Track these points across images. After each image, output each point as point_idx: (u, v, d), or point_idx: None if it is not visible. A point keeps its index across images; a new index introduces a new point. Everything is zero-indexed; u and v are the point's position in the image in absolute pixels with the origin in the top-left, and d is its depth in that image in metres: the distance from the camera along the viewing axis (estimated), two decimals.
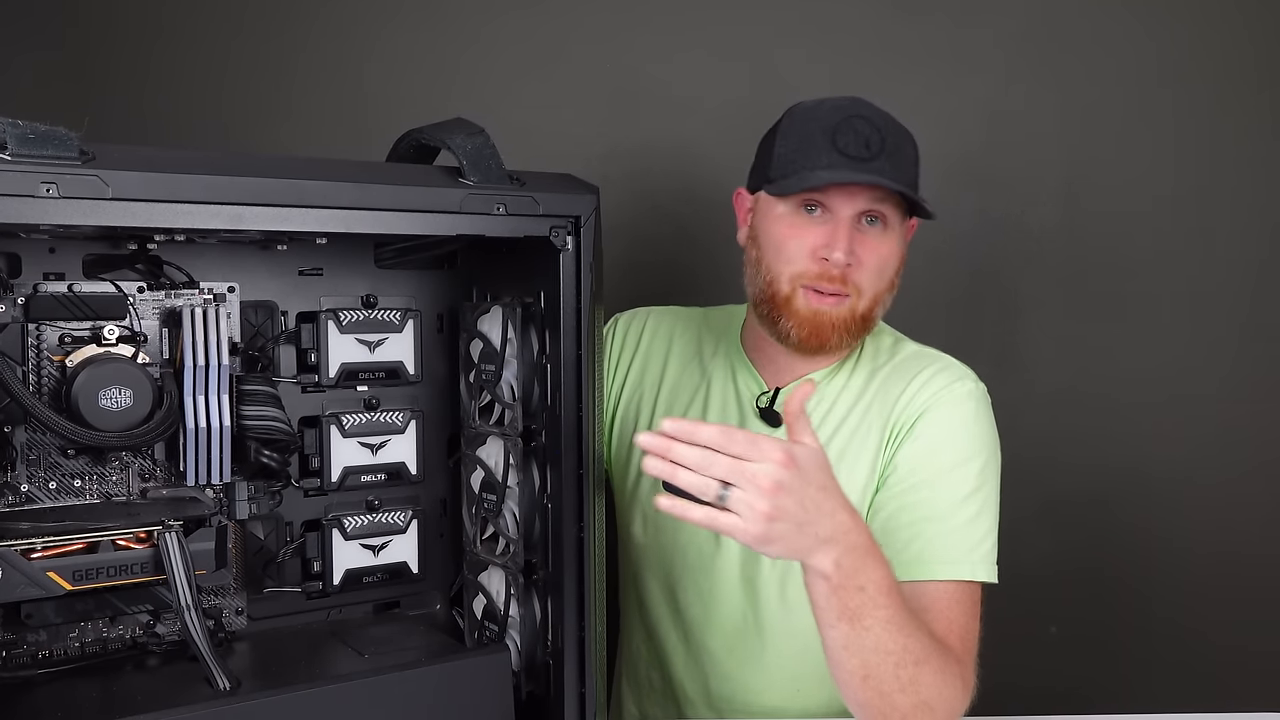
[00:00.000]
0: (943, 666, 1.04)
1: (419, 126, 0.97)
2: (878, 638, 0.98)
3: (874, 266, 1.19)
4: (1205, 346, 1.76)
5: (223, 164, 0.81)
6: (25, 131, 0.73)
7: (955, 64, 1.75)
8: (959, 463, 1.19)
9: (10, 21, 1.69)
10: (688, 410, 1.33)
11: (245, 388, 0.95)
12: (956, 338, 1.77)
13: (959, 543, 1.16)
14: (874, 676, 1.00)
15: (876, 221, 1.19)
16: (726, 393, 1.32)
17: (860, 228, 1.19)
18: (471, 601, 1.08)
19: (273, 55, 1.74)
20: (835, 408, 1.27)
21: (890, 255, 1.21)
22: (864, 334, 1.24)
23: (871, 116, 1.19)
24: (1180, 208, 1.76)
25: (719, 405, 1.32)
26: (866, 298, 1.20)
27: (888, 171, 1.16)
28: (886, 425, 1.23)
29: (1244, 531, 1.77)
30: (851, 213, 1.18)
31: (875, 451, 1.23)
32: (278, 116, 1.74)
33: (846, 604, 0.97)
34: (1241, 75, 1.74)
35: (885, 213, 1.19)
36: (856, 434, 1.24)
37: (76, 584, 0.86)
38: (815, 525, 0.93)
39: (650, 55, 1.76)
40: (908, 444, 1.20)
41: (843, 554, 0.95)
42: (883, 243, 1.20)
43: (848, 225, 1.17)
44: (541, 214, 0.92)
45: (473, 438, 1.06)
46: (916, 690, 1.01)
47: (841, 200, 1.17)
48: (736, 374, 1.32)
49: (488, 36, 1.75)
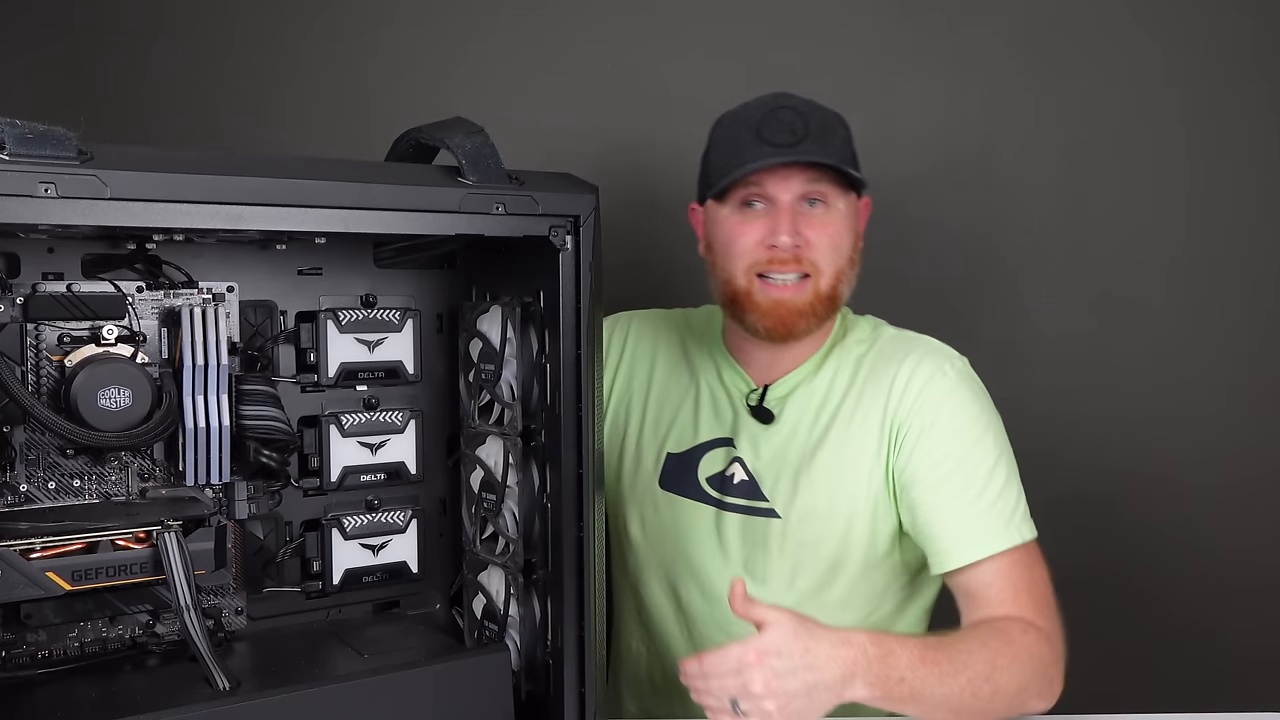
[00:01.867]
0: (1014, 655, 1.11)
1: (418, 126, 0.97)
2: (943, 693, 1.05)
3: (826, 244, 1.22)
4: (1206, 345, 1.76)
5: (221, 164, 0.81)
6: (23, 131, 0.73)
7: (955, 64, 1.75)
8: (974, 442, 1.22)
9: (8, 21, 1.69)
10: (678, 411, 1.35)
11: (244, 387, 0.95)
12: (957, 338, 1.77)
13: (998, 515, 1.20)
14: (963, 711, 1.07)
15: (818, 203, 1.23)
16: (716, 392, 1.33)
17: (802, 210, 1.22)
18: (471, 601, 1.07)
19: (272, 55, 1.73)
20: (829, 398, 1.28)
21: (840, 232, 1.24)
22: (832, 313, 1.26)
23: (795, 105, 1.24)
24: (1180, 207, 1.76)
25: (709, 405, 1.33)
26: (826, 275, 1.23)
27: (815, 151, 1.20)
28: (885, 414, 1.25)
29: (1245, 531, 1.77)
30: (790, 197, 1.21)
31: (878, 439, 1.24)
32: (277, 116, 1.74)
33: (898, 696, 1.04)
34: (1241, 74, 1.74)
35: (824, 192, 1.23)
36: (854, 420, 1.26)
37: (76, 584, 0.86)
38: (825, 678, 1.00)
39: (650, 55, 1.76)
40: (922, 441, 1.22)
41: (864, 674, 1.01)
42: (829, 220, 1.23)
43: (788, 209, 1.21)
44: (541, 213, 0.92)
45: (472, 437, 1.06)
46: (1001, 693, 1.09)
47: (777, 187, 1.21)
48: (723, 373, 1.34)
49: (487, 36, 1.75)
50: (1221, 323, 1.76)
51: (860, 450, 1.24)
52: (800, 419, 1.29)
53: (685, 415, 1.34)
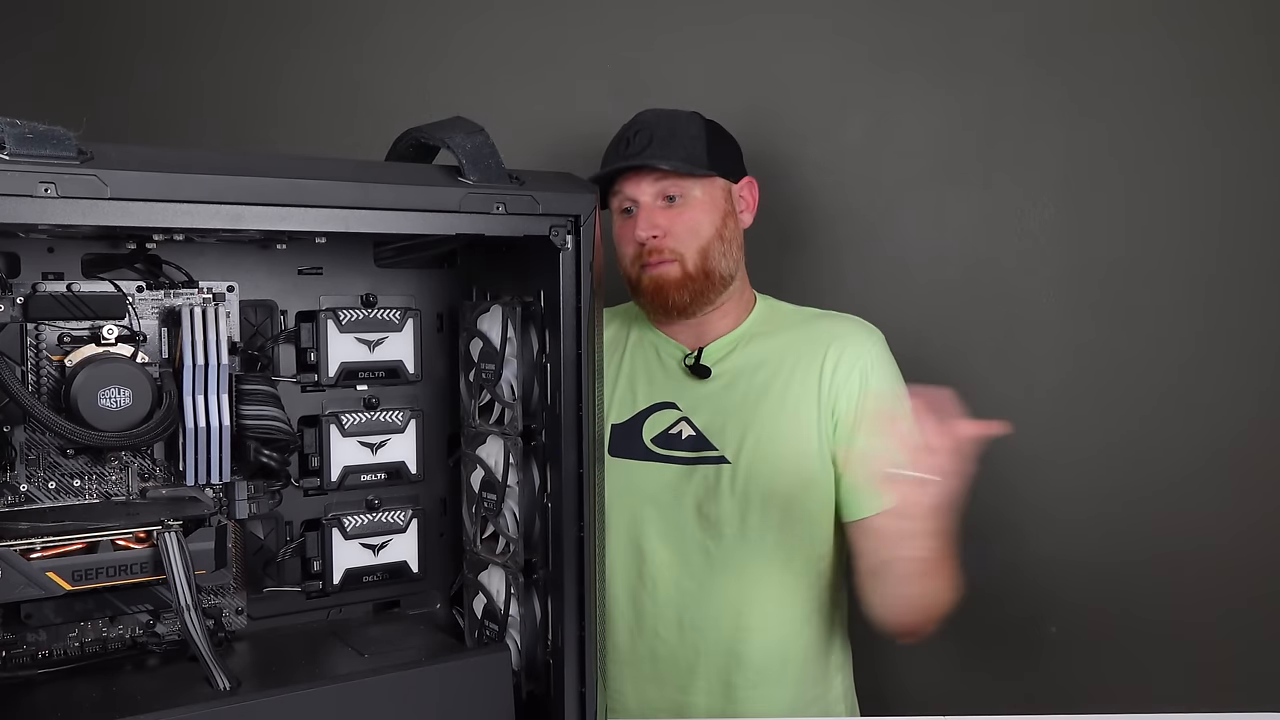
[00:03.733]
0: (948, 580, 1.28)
1: (418, 125, 0.97)
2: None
3: (683, 230, 1.41)
4: (1206, 344, 1.76)
5: (221, 163, 0.81)
6: (23, 131, 0.73)
7: (955, 64, 1.75)
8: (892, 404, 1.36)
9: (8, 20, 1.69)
10: (614, 388, 1.48)
11: (245, 387, 0.95)
12: (957, 338, 1.78)
13: None
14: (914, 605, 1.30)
15: (675, 199, 1.41)
16: (651, 365, 1.48)
17: (660, 206, 1.41)
18: (471, 601, 1.07)
19: (272, 54, 1.74)
20: (765, 360, 1.43)
21: (697, 218, 1.41)
22: (711, 286, 1.42)
23: (645, 119, 1.45)
24: (1180, 206, 1.76)
25: (645, 377, 1.47)
26: (691, 253, 1.41)
27: (655, 155, 1.39)
28: (821, 376, 1.40)
29: (1246, 531, 1.77)
30: (647, 199, 1.41)
31: (816, 396, 1.40)
32: (277, 115, 1.74)
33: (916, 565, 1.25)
34: (1241, 73, 1.74)
35: (679, 189, 1.41)
36: (794, 378, 1.41)
37: (76, 584, 0.86)
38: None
39: (651, 55, 1.76)
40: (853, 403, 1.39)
41: None
42: (685, 211, 1.41)
43: (646, 208, 1.41)
44: (541, 213, 0.92)
45: (472, 437, 1.06)
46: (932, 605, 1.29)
47: (635, 190, 1.42)
48: (658, 348, 1.49)
49: (487, 36, 1.75)
50: (1222, 323, 1.76)
51: (800, 404, 1.40)
52: (738, 375, 1.43)
53: (622, 390, 1.48)
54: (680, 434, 1.43)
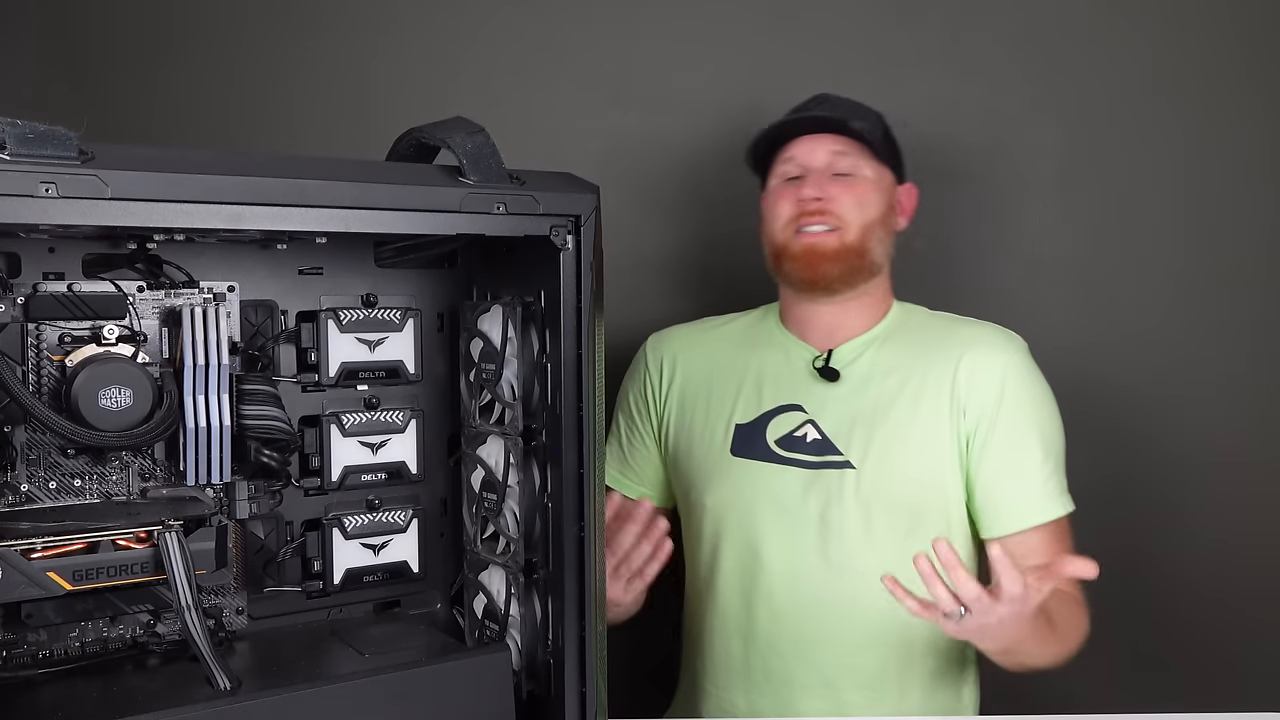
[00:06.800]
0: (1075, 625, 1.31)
1: (419, 125, 0.97)
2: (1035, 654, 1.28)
3: (851, 200, 1.37)
4: (1207, 343, 1.76)
5: (222, 163, 0.81)
6: (24, 131, 0.72)
7: (955, 64, 1.75)
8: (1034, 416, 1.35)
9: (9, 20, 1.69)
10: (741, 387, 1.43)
11: (245, 387, 0.95)
12: None
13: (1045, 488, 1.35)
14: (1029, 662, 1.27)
15: (848, 176, 1.38)
16: (779, 367, 1.43)
17: (832, 179, 1.38)
18: (472, 601, 1.08)
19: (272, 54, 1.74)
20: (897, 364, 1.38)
21: (866, 194, 1.38)
22: (862, 269, 1.38)
23: (828, 95, 1.43)
24: (1180, 206, 1.76)
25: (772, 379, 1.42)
26: (853, 227, 1.36)
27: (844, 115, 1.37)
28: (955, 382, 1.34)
29: (1250, 527, 1.77)
30: (820, 164, 1.38)
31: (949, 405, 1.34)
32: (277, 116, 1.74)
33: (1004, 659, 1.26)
34: (1240, 75, 1.74)
35: (852, 165, 1.38)
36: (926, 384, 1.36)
37: (76, 584, 0.86)
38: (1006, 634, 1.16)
39: (651, 55, 1.76)
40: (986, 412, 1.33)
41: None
42: (854, 184, 1.38)
43: (818, 173, 1.38)
44: (542, 213, 0.92)
45: (473, 437, 1.06)
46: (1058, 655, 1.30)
47: (807, 155, 1.39)
48: (786, 349, 1.44)
49: (488, 36, 1.75)
50: (1223, 323, 1.76)
51: (933, 413, 1.34)
52: (868, 379, 1.39)
53: (749, 389, 1.43)
54: (805, 437, 1.38)
